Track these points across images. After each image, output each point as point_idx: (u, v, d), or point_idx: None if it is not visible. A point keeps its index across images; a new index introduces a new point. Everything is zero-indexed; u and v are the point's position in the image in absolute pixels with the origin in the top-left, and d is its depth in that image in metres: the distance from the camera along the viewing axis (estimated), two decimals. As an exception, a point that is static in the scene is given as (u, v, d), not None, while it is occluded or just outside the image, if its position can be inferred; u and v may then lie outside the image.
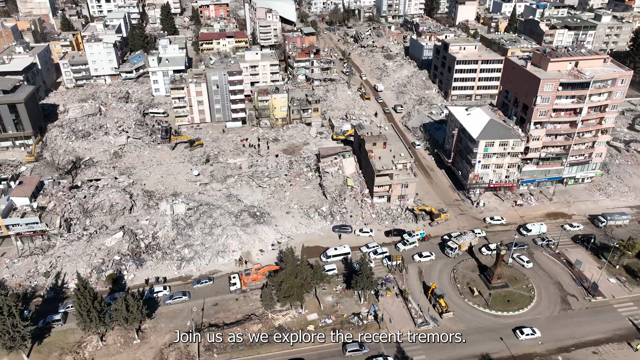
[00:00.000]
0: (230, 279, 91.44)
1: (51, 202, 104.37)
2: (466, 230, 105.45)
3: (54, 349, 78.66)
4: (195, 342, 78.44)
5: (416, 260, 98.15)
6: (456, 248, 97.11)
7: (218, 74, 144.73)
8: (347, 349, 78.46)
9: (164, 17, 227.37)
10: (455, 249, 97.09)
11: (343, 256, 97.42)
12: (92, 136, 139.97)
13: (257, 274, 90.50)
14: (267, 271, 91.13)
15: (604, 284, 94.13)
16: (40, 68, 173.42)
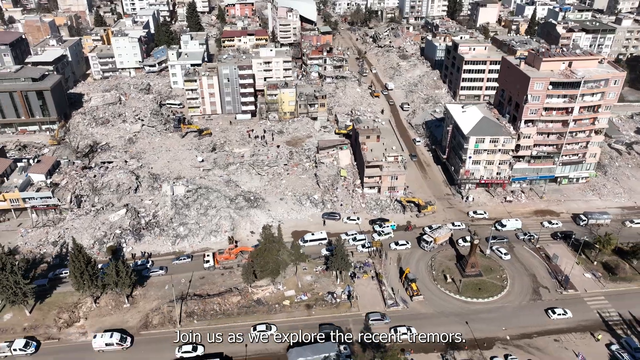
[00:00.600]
0: (205, 256, 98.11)
1: (64, 180, 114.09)
2: (442, 224, 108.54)
3: (53, 308, 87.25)
4: (176, 308, 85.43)
5: (392, 248, 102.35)
6: (431, 242, 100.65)
7: (229, 68, 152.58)
8: (369, 318, 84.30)
9: (189, 14, 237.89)
10: (431, 242, 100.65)
11: (319, 241, 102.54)
12: (110, 123, 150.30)
13: (230, 254, 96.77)
14: (239, 252, 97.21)
15: (579, 278, 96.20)
16: (70, 60, 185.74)
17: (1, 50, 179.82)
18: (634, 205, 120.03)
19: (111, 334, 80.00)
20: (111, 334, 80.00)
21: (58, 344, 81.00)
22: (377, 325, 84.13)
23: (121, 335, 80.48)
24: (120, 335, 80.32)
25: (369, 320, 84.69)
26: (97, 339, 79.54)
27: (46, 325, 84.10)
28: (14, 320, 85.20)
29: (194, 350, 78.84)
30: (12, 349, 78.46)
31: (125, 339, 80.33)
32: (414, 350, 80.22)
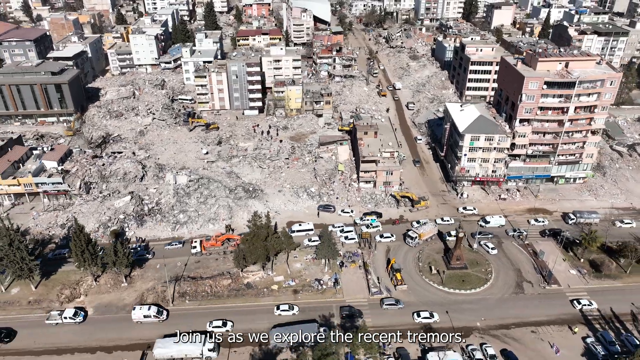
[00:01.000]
0: (192, 242, 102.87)
1: (75, 167, 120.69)
2: (428, 219, 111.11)
3: (57, 284, 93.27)
4: (169, 288, 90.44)
5: (378, 240, 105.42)
6: (416, 237, 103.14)
7: (237, 65, 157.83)
8: (384, 303, 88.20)
9: (206, 14, 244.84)
10: (415, 238, 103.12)
11: (306, 231, 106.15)
12: (124, 116, 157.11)
13: (216, 241, 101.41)
14: (225, 239, 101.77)
15: (565, 274, 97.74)
16: (90, 56, 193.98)
17: (26, 45, 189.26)
18: (629, 206, 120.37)
19: (149, 307, 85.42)
20: (149, 307, 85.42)
21: (103, 315, 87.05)
22: (391, 310, 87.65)
23: (158, 308, 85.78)
24: (157, 308, 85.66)
25: (383, 305, 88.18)
26: (136, 310, 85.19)
27: (49, 299, 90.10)
28: (20, 294, 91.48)
29: (223, 326, 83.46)
30: (62, 317, 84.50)
31: (162, 312, 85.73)
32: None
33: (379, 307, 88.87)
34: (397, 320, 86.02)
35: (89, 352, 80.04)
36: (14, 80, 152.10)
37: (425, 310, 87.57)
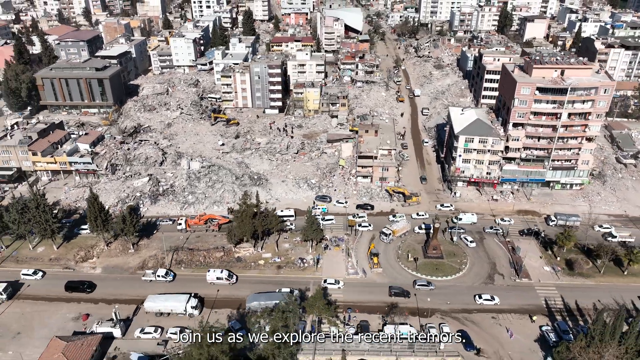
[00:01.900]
0: (178, 220, 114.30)
1: (104, 150, 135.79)
2: (402, 217, 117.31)
3: (75, 247, 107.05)
4: (167, 256, 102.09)
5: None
6: (390, 234, 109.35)
7: (260, 66, 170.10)
8: (416, 283, 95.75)
9: (245, 21, 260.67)
10: (389, 234, 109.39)
11: (287, 217, 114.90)
12: (156, 110, 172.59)
13: (200, 220, 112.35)
14: (207, 219, 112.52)
15: (539, 270, 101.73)
16: (134, 56, 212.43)
17: (79, 45, 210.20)
18: (622, 213, 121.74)
19: (222, 270, 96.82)
20: (222, 270, 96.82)
21: (187, 275, 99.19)
22: (422, 290, 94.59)
23: (229, 272, 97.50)
24: (228, 272, 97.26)
25: (415, 285, 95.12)
26: (210, 273, 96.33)
27: (67, 258, 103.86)
28: (44, 253, 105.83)
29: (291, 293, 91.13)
30: (156, 276, 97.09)
31: (232, 276, 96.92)
32: (359, 310, 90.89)
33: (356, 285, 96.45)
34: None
35: (93, 302, 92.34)
36: (64, 75, 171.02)
37: (486, 293, 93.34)
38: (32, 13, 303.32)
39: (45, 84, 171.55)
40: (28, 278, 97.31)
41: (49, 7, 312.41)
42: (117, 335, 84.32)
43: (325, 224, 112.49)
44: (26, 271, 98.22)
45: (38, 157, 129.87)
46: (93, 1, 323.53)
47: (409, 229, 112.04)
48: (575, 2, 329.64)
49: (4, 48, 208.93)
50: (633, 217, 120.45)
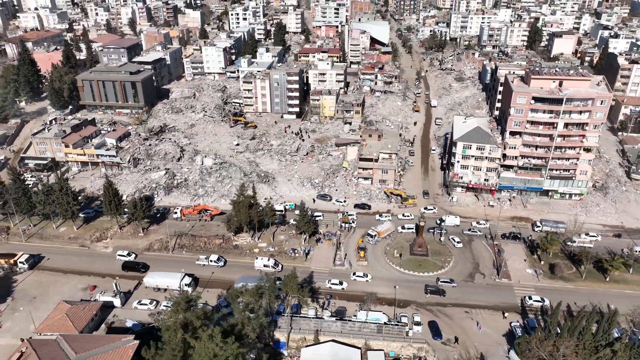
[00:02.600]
0: (174, 209, 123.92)
1: (128, 145, 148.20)
2: (387, 220, 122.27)
3: (92, 228, 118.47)
4: (171, 240, 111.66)
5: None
6: (375, 235, 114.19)
7: (279, 73, 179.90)
8: (439, 279, 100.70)
9: (275, 32, 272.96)
10: (375, 236, 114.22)
11: (279, 212, 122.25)
12: (182, 112, 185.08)
13: (194, 210, 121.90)
14: (201, 209, 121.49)
15: (521, 272, 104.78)
16: (169, 63, 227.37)
17: (120, 52, 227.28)
18: (619, 224, 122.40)
19: (268, 259, 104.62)
20: (268, 259, 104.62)
21: (236, 261, 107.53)
22: (445, 286, 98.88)
23: (275, 261, 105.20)
24: (274, 261, 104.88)
25: (439, 281, 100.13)
26: (258, 260, 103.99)
27: (83, 238, 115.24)
28: (65, 232, 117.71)
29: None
30: (208, 261, 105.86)
31: (278, 264, 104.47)
32: (338, 297, 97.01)
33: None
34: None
35: (101, 276, 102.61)
36: (101, 77, 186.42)
37: (536, 294, 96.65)
38: (84, 23, 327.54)
39: (85, 85, 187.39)
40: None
41: (99, 17, 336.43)
42: (117, 304, 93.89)
43: (320, 220, 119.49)
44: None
45: (69, 149, 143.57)
46: (139, 12, 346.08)
47: (393, 230, 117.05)
48: (612, 19, 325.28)
49: (53, 53, 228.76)
50: (629, 228, 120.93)
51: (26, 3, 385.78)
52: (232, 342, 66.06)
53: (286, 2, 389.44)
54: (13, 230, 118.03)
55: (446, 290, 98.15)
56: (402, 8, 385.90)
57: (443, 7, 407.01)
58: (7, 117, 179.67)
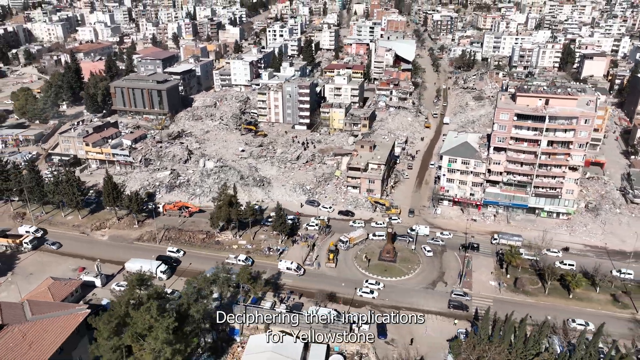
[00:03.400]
0: (158, 204, 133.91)
1: (141, 146, 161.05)
2: (359, 227, 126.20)
3: (95, 219, 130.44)
4: (159, 233, 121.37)
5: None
6: (347, 241, 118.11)
7: (291, 86, 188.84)
8: (452, 292, 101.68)
9: (304, 48, 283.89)
10: (346, 242, 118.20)
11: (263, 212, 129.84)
12: (202, 119, 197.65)
13: (174, 206, 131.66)
14: (180, 206, 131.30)
15: (484, 284, 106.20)
16: (199, 74, 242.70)
17: (156, 63, 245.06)
18: (602, 245, 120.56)
19: (291, 262, 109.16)
20: (291, 262, 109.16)
21: (267, 262, 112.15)
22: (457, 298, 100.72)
23: (298, 264, 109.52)
24: (297, 264, 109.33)
25: (452, 294, 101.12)
26: (281, 263, 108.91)
27: (85, 226, 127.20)
28: (71, 220, 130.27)
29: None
30: (237, 260, 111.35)
31: (300, 268, 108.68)
32: (296, 293, 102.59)
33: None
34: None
35: (92, 260, 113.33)
36: (131, 85, 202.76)
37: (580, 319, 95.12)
38: (134, 36, 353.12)
39: (117, 92, 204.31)
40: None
41: (147, 32, 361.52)
42: (98, 284, 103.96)
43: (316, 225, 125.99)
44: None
45: (89, 147, 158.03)
46: (185, 28, 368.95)
47: (365, 236, 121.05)
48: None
49: (97, 63, 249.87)
50: (612, 250, 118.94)
51: (88, 18, 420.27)
52: (169, 316, 73.29)
53: (326, 20, 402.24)
54: (28, 215, 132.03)
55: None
56: (439, 28, 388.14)
57: (484, 27, 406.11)
58: (47, 119, 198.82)
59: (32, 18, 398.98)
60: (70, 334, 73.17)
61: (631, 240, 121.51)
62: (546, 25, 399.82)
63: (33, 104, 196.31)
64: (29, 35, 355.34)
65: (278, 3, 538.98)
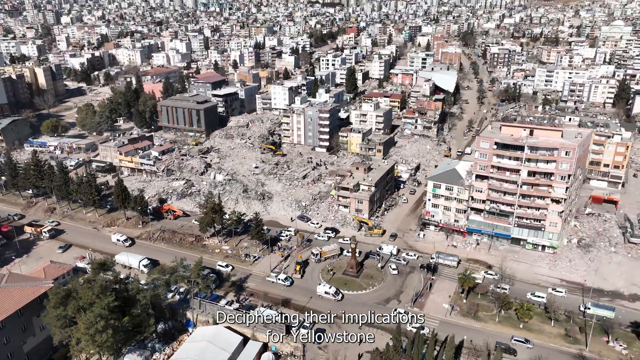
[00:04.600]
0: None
1: (166, 158, 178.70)
2: (333, 243, 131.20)
3: (109, 217, 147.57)
4: (155, 233, 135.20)
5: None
6: (318, 254, 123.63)
7: (312, 110, 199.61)
8: (513, 337, 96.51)
9: (347, 77, 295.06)
10: (317, 254, 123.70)
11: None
12: (232, 138, 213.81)
13: (162, 209, 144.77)
14: (167, 209, 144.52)
15: (437, 305, 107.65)
16: (243, 98, 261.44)
17: (206, 86, 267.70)
18: (580, 282, 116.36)
19: (330, 286, 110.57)
20: (330, 286, 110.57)
21: (242, 267, 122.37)
22: (518, 345, 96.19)
23: (336, 289, 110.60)
24: (335, 289, 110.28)
25: (512, 339, 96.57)
26: (319, 287, 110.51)
27: (99, 223, 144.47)
28: (89, 217, 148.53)
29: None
30: (277, 278, 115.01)
31: (338, 293, 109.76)
32: (256, 296, 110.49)
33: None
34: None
35: (93, 250, 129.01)
36: (175, 104, 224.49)
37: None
38: (200, 62, 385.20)
39: (163, 110, 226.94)
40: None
41: (213, 58, 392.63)
42: (88, 271, 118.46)
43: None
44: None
45: (122, 156, 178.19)
46: (249, 55, 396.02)
47: (337, 252, 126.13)
48: None
49: (157, 84, 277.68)
50: (589, 287, 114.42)
51: (168, 45, 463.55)
52: (110, 295, 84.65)
53: (383, 52, 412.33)
54: (57, 210, 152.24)
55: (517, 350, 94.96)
56: (496, 60, 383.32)
57: (547, 61, 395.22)
58: (101, 131, 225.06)
59: (121, 45, 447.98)
60: (31, 301, 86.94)
61: (613, 279, 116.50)
62: (616, 60, 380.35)
63: (91, 117, 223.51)
64: (112, 60, 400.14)
65: (345, 34, 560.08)
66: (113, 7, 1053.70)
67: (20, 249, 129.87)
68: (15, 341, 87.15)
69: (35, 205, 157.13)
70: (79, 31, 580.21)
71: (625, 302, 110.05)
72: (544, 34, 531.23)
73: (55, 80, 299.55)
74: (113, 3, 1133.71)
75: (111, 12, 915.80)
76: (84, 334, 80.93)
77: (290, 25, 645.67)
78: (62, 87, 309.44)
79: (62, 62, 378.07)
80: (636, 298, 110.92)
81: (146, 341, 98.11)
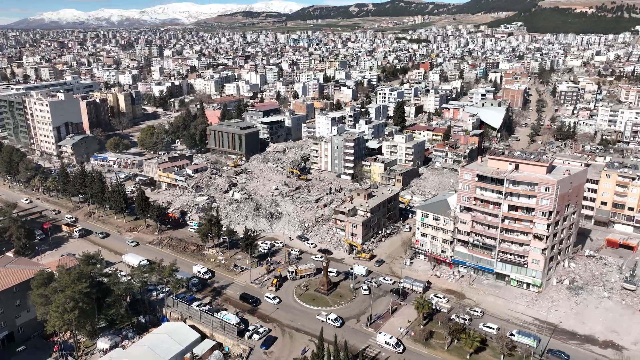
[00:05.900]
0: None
1: (196, 176, 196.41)
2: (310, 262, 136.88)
3: (134, 224, 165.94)
4: (162, 240, 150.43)
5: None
6: (293, 272, 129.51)
7: (339, 139, 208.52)
8: (551, 350, 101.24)
9: (395, 110, 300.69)
10: (293, 272, 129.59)
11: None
12: (268, 162, 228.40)
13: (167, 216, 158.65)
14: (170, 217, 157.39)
15: (393, 329, 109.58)
16: (289, 126, 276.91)
17: (259, 114, 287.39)
18: (555, 323, 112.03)
19: (391, 337, 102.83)
20: (391, 337, 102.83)
21: (226, 275, 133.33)
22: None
23: (397, 340, 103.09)
24: (397, 340, 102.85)
25: (550, 353, 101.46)
26: (380, 336, 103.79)
27: (122, 228, 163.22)
28: (118, 222, 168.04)
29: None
30: (327, 318, 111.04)
31: (399, 345, 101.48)
32: (230, 303, 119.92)
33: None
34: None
35: (108, 250, 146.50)
36: (221, 129, 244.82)
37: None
38: (265, 93, 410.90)
39: (211, 134, 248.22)
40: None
41: (277, 89, 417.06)
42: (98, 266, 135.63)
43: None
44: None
45: (161, 172, 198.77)
46: (313, 88, 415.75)
47: (312, 271, 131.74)
48: None
49: (216, 111, 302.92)
50: (562, 329, 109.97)
51: (244, 77, 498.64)
52: (85, 282, 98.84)
53: (445, 86, 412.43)
54: (95, 214, 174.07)
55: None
56: (564, 98, 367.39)
57: (625, 100, 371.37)
58: (156, 150, 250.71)
59: (201, 75, 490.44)
60: (24, 280, 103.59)
61: (592, 324, 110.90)
62: None
63: (150, 138, 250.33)
64: (190, 88, 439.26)
65: (416, 70, 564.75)
66: (213, 42, 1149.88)
67: (53, 244, 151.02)
68: (10, 312, 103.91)
69: (80, 209, 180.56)
70: (174, 63, 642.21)
71: (596, 347, 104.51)
72: (635, 72, 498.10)
73: (134, 105, 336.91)
74: (213, 39, 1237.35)
75: (209, 47, 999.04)
76: (54, 311, 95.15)
77: (366, 60, 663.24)
78: (139, 111, 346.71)
79: (148, 89, 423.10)
80: (609, 345, 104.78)
81: (122, 330, 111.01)
